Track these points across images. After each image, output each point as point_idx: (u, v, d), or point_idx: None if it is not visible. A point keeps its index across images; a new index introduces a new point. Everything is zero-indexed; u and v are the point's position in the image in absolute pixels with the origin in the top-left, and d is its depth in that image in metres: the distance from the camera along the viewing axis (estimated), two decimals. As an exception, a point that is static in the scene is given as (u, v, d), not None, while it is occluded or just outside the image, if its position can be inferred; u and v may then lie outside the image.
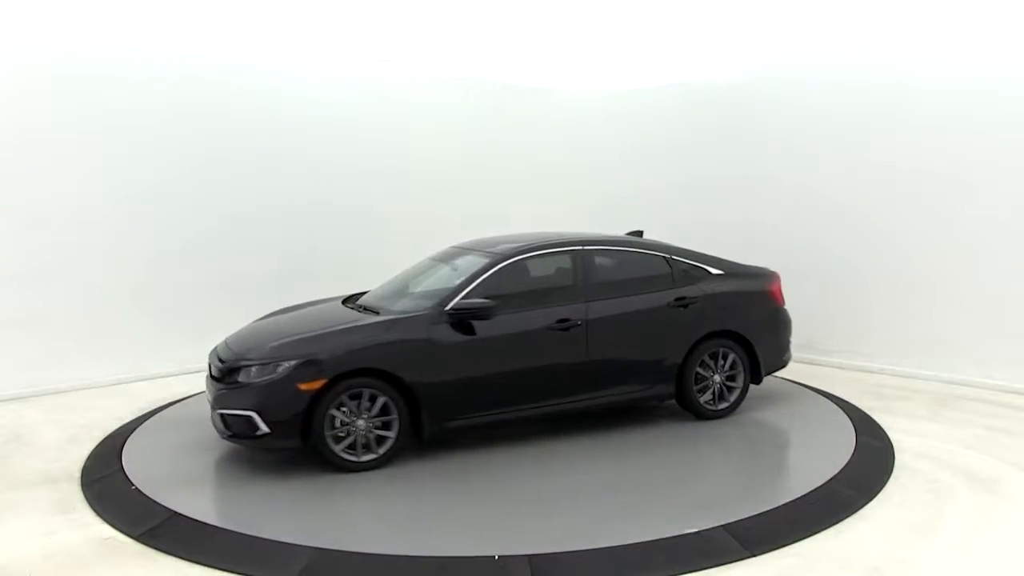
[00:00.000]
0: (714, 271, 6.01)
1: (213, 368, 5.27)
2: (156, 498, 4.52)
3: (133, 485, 4.75)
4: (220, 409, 5.01)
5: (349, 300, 5.98)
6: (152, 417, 6.30)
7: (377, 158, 8.80)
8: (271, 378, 4.83)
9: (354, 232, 8.66)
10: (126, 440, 5.65)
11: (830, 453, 5.10)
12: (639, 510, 4.34)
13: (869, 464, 4.94)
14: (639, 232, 6.52)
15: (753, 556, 3.73)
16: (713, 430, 5.71)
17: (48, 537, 4.10)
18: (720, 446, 5.39)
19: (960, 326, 6.95)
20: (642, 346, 5.69)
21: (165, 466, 5.16)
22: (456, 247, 6.06)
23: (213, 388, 5.15)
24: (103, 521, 4.29)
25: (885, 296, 7.41)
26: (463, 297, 5.22)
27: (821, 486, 4.54)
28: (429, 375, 5.03)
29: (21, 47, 6.87)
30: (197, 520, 4.22)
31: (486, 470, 5.01)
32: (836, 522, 4.08)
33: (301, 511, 4.46)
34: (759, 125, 8.32)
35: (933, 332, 7.12)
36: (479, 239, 6.08)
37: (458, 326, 5.16)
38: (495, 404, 5.32)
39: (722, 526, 3.99)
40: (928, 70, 7.00)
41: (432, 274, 5.89)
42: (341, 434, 4.89)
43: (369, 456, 4.96)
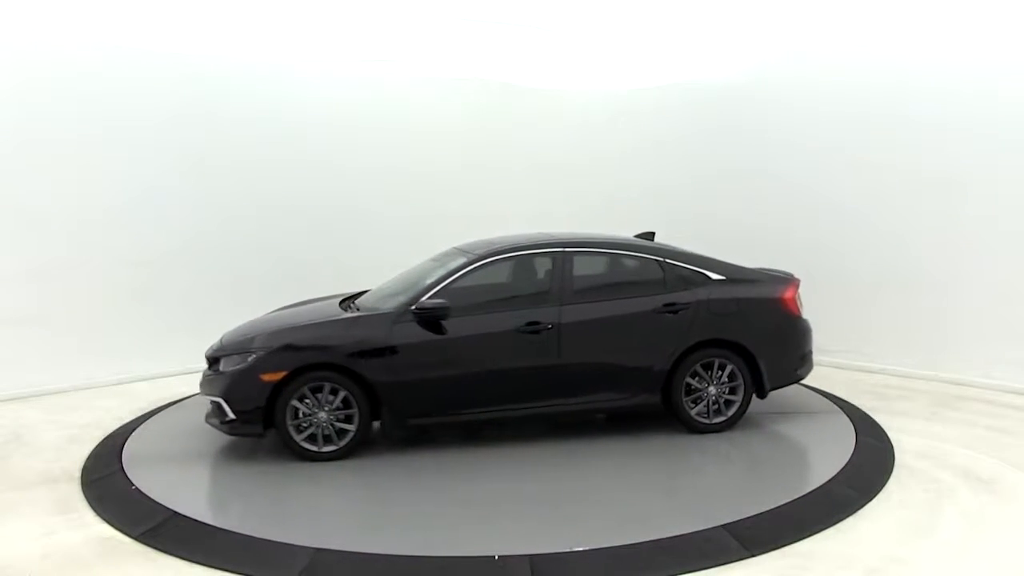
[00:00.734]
0: (714, 276, 5.65)
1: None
2: (156, 498, 4.51)
3: (133, 485, 4.75)
4: (204, 394, 5.37)
5: (350, 298, 6.00)
6: (152, 417, 6.30)
7: (377, 158, 8.80)
8: (239, 368, 5.11)
9: (355, 233, 8.66)
10: (126, 440, 5.65)
11: (830, 453, 5.11)
12: (639, 510, 4.34)
13: (869, 464, 4.94)
14: (651, 234, 6.33)
15: (753, 556, 3.73)
16: (713, 430, 5.71)
17: (48, 537, 4.10)
18: (720, 446, 5.38)
19: (960, 326, 6.96)
20: (622, 353, 5.44)
21: (165, 466, 5.16)
22: (455, 248, 6.05)
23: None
24: (103, 521, 4.29)
25: (885, 296, 7.42)
26: (429, 297, 5.25)
27: (821, 486, 4.55)
28: (389, 372, 5.11)
29: (23, 48, 6.87)
30: (197, 520, 4.22)
31: (487, 470, 5.00)
32: (836, 522, 4.08)
33: (301, 511, 4.47)
34: (760, 125, 8.33)
35: (933, 332, 7.12)
36: (478, 240, 6.05)
37: (427, 325, 5.19)
38: (459, 404, 5.33)
39: (722, 526, 3.99)
40: (928, 70, 7.01)
41: (422, 274, 5.87)
42: (305, 424, 5.08)
43: (330, 447, 5.11)
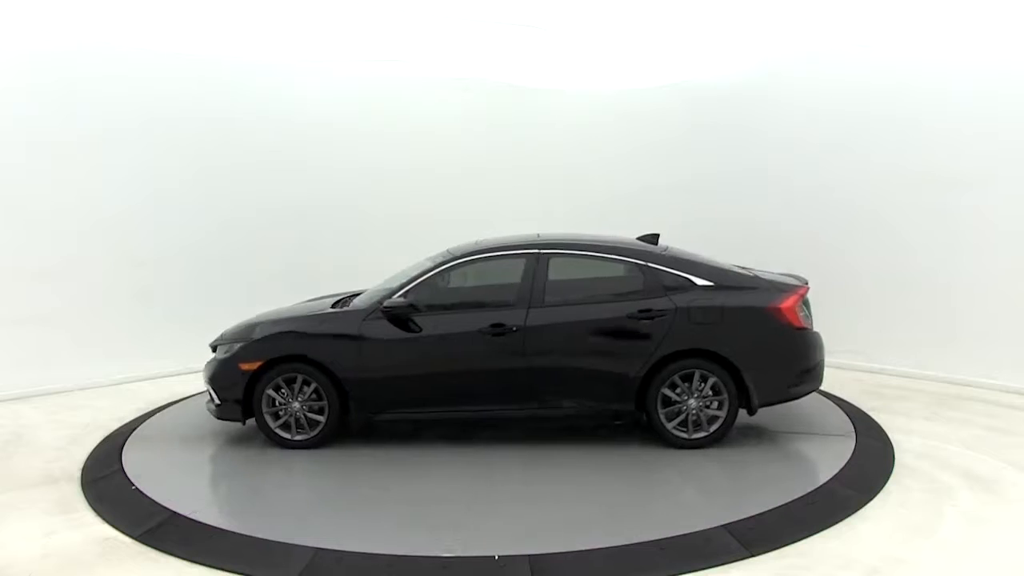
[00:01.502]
0: (700, 282, 5.31)
1: None
2: (156, 498, 4.52)
3: (133, 485, 4.75)
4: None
5: (348, 298, 6.03)
6: (152, 417, 6.30)
7: (378, 159, 8.80)
8: (225, 356, 5.52)
9: (355, 233, 8.66)
10: (126, 440, 5.65)
11: (830, 453, 5.11)
12: (639, 510, 4.34)
13: (869, 464, 4.95)
14: (655, 236, 6.04)
15: (753, 556, 3.73)
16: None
17: (48, 537, 4.10)
18: (720, 446, 5.37)
19: (960, 326, 6.96)
20: (591, 359, 5.25)
21: (165, 466, 5.17)
22: (447, 249, 6.02)
23: None
24: (103, 521, 4.29)
25: (885, 296, 7.42)
26: (397, 296, 5.37)
27: (821, 486, 4.55)
28: (355, 367, 5.30)
29: (25, 51, 6.87)
30: (197, 520, 4.22)
31: (488, 470, 5.01)
32: (836, 522, 4.08)
33: (301, 511, 4.47)
34: (760, 125, 8.33)
35: (933, 332, 7.13)
36: (472, 241, 6.01)
37: (396, 324, 5.31)
38: (423, 403, 5.41)
39: (722, 526, 3.99)
40: (929, 70, 7.01)
41: (407, 273, 5.86)
42: (282, 413, 5.38)
43: (302, 436, 5.39)
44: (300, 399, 5.36)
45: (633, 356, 5.21)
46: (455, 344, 5.31)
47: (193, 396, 6.83)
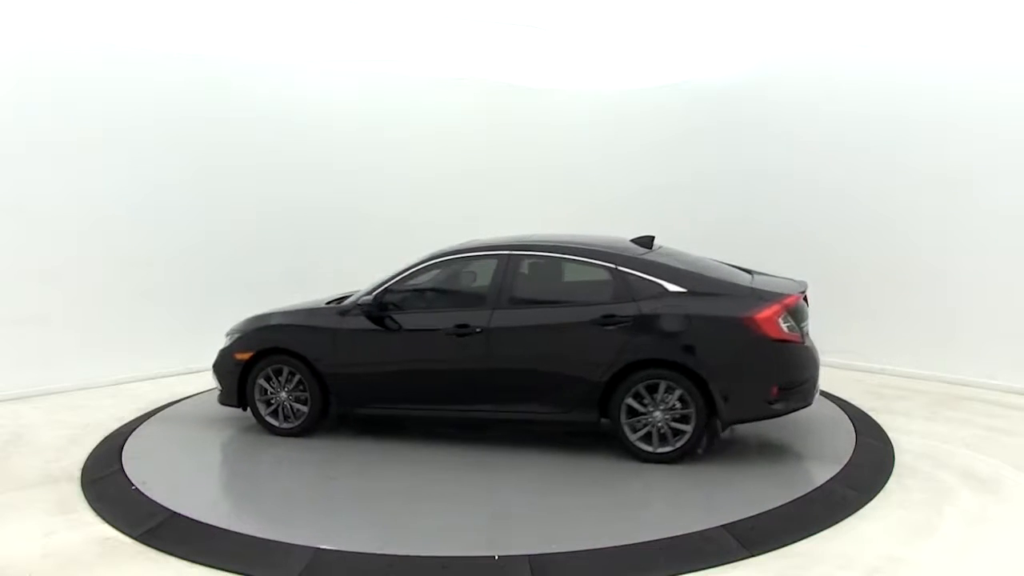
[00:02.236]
0: (672, 288, 4.99)
1: None
2: (156, 498, 4.51)
3: (133, 485, 4.75)
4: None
5: (346, 297, 6.04)
6: (152, 417, 6.30)
7: (378, 159, 8.80)
8: (226, 346, 5.91)
9: (355, 233, 8.66)
10: (126, 440, 5.65)
11: (830, 453, 5.10)
12: (639, 510, 4.34)
13: (869, 464, 4.94)
14: (650, 238, 5.84)
15: (753, 556, 3.72)
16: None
17: (48, 537, 4.10)
18: (720, 446, 5.38)
19: (961, 326, 6.95)
20: (552, 364, 5.11)
21: (165, 466, 5.17)
22: (440, 250, 6.02)
23: None
24: (103, 521, 4.29)
25: (885, 296, 7.41)
26: (374, 294, 5.49)
27: (821, 486, 4.55)
28: (332, 361, 5.53)
29: (26, 50, 6.87)
30: (197, 520, 4.22)
31: (488, 470, 5.01)
32: (836, 522, 4.08)
33: (301, 511, 4.48)
34: (759, 125, 8.32)
35: (933, 332, 7.12)
36: (466, 241, 5.99)
37: (374, 322, 5.46)
38: (395, 399, 5.53)
39: (722, 526, 3.99)
40: (928, 70, 7.01)
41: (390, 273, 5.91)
42: (272, 401, 5.70)
43: (288, 424, 5.67)
44: (287, 390, 5.64)
45: (595, 363, 4.99)
46: (423, 344, 5.41)
47: (193, 396, 6.83)
